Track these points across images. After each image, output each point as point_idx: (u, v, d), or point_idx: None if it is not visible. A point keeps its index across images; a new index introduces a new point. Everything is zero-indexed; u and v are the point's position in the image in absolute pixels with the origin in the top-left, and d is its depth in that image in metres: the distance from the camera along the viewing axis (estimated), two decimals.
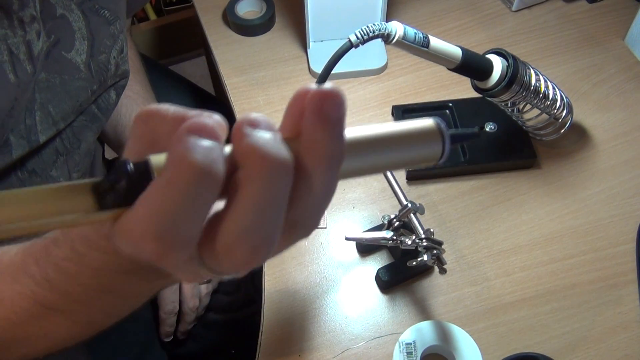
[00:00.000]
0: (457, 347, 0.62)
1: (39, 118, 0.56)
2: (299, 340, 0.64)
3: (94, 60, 0.61)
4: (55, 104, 0.58)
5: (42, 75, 0.56)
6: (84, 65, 0.60)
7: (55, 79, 0.57)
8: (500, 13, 0.96)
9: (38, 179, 0.61)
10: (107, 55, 0.63)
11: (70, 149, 0.64)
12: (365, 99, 0.85)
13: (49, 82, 0.57)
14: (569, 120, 0.73)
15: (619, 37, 0.91)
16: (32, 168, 0.60)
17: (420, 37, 0.53)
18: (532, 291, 0.67)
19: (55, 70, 0.57)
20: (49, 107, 0.57)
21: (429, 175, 0.76)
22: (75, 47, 0.59)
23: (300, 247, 0.71)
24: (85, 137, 0.65)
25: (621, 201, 0.73)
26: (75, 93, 0.60)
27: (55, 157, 0.62)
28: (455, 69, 0.60)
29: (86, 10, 0.59)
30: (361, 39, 0.48)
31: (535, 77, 0.65)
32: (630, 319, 0.64)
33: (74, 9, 0.58)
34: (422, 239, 0.57)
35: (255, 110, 0.84)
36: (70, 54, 0.58)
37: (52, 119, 0.58)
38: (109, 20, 0.62)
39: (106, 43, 0.62)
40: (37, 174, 0.61)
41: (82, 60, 0.59)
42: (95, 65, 0.61)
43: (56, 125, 0.58)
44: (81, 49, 0.59)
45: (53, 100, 0.57)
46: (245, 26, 0.93)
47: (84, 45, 0.59)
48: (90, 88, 0.62)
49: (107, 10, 0.62)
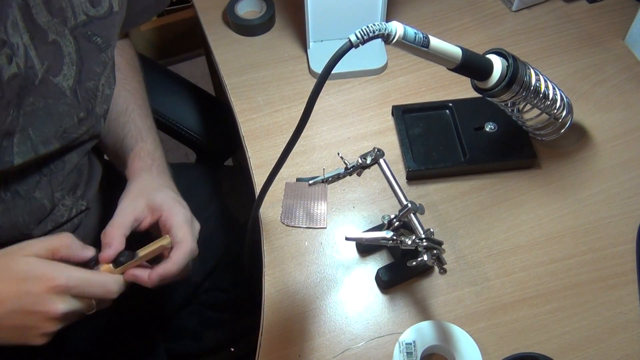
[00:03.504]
0: (457, 347, 0.62)
1: (16, 140, 0.55)
2: (299, 340, 0.64)
3: (81, 87, 0.60)
4: (35, 127, 0.57)
5: (29, 100, 0.55)
6: (69, 91, 0.59)
7: (39, 103, 0.56)
8: (500, 13, 0.96)
9: (21, 200, 0.60)
10: (96, 82, 0.62)
11: (55, 170, 0.63)
12: (365, 99, 0.85)
13: (33, 105, 0.56)
14: (569, 120, 0.73)
15: (619, 37, 0.91)
16: (15, 189, 0.60)
17: (420, 37, 0.53)
18: (532, 291, 0.67)
19: (41, 94, 0.56)
20: (29, 130, 0.56)
21: (429, 175, 0.76)
22: (63, 72, 0.58)
23: (300, 247, 0.71)
24: (70, 159, 0.65)
25: (621, 201, 0.73)
26: (58, 118, 0.59)
27: (38, 178, 0.61)
28: (455, 69, 0.59)
29: (78, 36, 0.58)
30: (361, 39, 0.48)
31: (535, 77, 0.65)
32: (630, 319, 0.64)
33: (67, 34, 0.57)
34: (422, 239, 0.57)
35: (255, 110, 0.84)
36: (57, 78, 0.57)
37: (30, 143, 0.57)
38: (100, 47, 0.61)
39: (95, 70, 0.62)
40: (20, 196, 0.60)
41: (68, 85, 0.59)
42: (82, 92, 0.61)
43: (35, 150, 0.57)
44: (69, 74, 0.58)
45: (34, 124, 0.57)
46: (245, 26, 0.93)
47: (72, 71, 0.59)
48: (77, 115, 0.61)
49: (99, 37, 0.61)
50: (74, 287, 0.54)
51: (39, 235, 0.64)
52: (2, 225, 0.60)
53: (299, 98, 0.86)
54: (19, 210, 0.61)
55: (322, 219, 0.74)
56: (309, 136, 0.81)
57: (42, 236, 0.63)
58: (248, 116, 0.84)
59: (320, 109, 0.84)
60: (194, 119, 0.98)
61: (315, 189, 0.76)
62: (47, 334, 0.54)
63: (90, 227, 0.75)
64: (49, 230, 0.66)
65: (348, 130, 0.82)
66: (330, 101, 0.85)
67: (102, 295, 0.57)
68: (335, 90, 0.87)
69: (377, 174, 0.76)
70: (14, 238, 0.62)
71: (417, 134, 0.79)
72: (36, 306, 0.53)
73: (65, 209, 0.67)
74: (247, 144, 0.81)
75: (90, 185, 0.73)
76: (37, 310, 0.53)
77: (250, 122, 0.83)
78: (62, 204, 0.66)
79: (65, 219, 0.67)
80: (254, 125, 0.83)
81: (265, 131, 0.82)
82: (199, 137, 0.97)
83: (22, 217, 0.61)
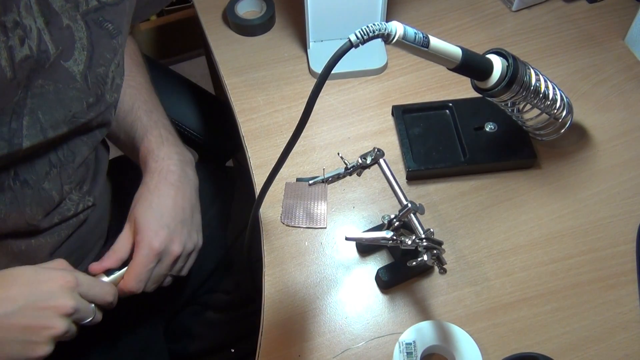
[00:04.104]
0: (457, 347, 0.62)
1: (26, 123, 0.56)
2: (299, 340, 0.64)
3: (92, 72, 0.61)
4: (45, 110, 0.57)
5: (38, 82, 0.56)
6: (80, 76, 0.59)
7: (49, 86, 0.57)
8: (500, 13, 0.96)
9: (30, 190, 0.61)
10: (106, 69, 0.63)
11: (65, 162, 0.63)
12: (365, 99, 0.85)
13: (42, 88, 0.56)
14: (569, 120, 0.73)
15: (619, 37, 0.91)
16: (24, 179, 0.60)
17: (421, 37, 0.53)
18: (532, 291, 0.67)
19: (51, 78, 0.57)
20: (39, 114, 0.57)
21: (429, 175, 0.76)
22: (74, 56, 0.58)
23: (300, 247, 0.71)
24: (80, 151, 0.65)
25: (621, 201, 0.73)
26: (68, 102, 0.59)
27: (48, 168, 0.62)
28: (455, 69, 0.59)
29: (90, 21, 0.59)
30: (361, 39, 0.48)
31: (535, 77, 0.65)
32: (630, 319, 0.64)
33: (79, 19, 0.58)
34: (422, 239, 0.57)
35: (255, 110, 0.85)
36: (68, 62, 0.58)
37: (40, 126, 0.57)
38: (111, 33, 0.62)
39: (106, 56, 0.62)
40: (29, 186, 0.60)
41: (79, 70, 0.59)
42: (93, 77, 0.61)
43: (44, 133, 0.58)
44: (79, 59, 0.59)
45: (43, 107, 0.57)
46: (245, 26, 0.93)
47: (82, 56, 0.59)
48: (86, 100, 0.61)
49: (110, 23, 0.61)
50: (82, 285, 0.59)
51: (45, 228, 0.66)
52: (10, 214, 0.60)
53: (299, 98, 0.86)
54: (27, 200, 0.61)
55: (322, 219, 0.74)
56: (309, 136, 0.81)
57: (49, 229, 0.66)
58: (248, 116, 0.84)
59: (320, 109, 0.84)
60: (195, 118, 0.98)
61: (315, 189, 0.76)
62: (54, 337, 0.56)
63: (95, 223, 0.76)
64: (56, 223, 0.66)
65: (348, 130, 0.82)
66: (330, 101, 0.85)
67: (102, 298, 0.61)
68: (335, 90, 0.87)
69: (377, 174, 0.76)
70: (20, 228, 0.62)
71: (417, 134, 0.79)
72: (48, 301, 0.55)
73: (72, 203, 0.67)
74: (247, 144, 0.81)
75: (96, 181, 0.73)
76: (50, 305, 0.55)
77: (250, 122, 0.83)
78: (70, 198, 0.67)
79: (72, 214, 0.68)
80: (254, 125, 0.83)
81: (265, 131, 0.82)
82: (200, 137, 0.97)
83: (29, 208, 0.62)
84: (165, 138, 0.74)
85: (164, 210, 0.68)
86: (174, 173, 0.71)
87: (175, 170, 0.72)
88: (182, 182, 0.72)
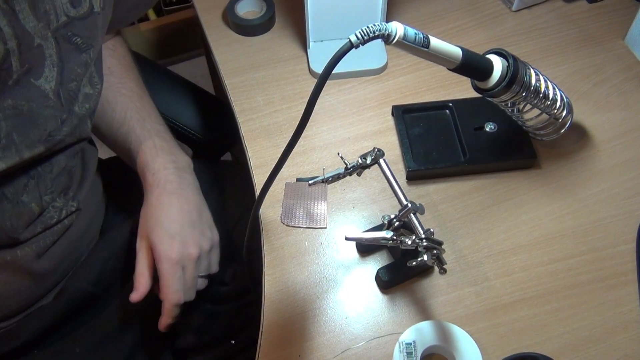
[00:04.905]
0: (457, 347, 0.62)
1: (1, 146, 0.55)
2: (299, 340, 0.64)
3: (64, 88, 0.60)
4: (20, 131, 0.56)
5: (8, 102, 0.54)
6: (52, 93, 0.58)
7: (22, 107, 0.56)
8: (500, 13, 0.96)
9: (9, 204, 0.60)
10: (78, 84, 0.62)
11: (42, 172, 0.63)
12: (365, 99, 0.85)
13: (15, 109, 0.55)
14: (569, 120, 0.73)
15: (619, 37, 0.91)
16: (2, 192, 0.59)
17: (421, 37, 0.53)
18: (532, 291, 0.67)
19: (24, 98, 0.56)
20: (14, 135, 0.56)
21: (429, 175, 0.76)
22: (44, 74, 0.57)
23: (300, 247, 0.71)
24: (57, 161, 0.64)
25: (621, 201, 0.73)
26: (42, 122, 0.58)
27: (26, 180, 0.61)
28: (455, 69, 0.59)
29: (59, 37, 0.58)
30: (361, 39, 0.48)
31: (535, 77, 0.65)
32: (630, 319, 0.64)
33: (49, 37, 0.57)
34: (422, 239, 0.57)
35: (255, 110, 0.85)
36: (39, 81, 0.57)
37: (15, 148, 0.56)
38: (80, 47, 0.61)
39: (77, 71, 0.61)
40: (7, 199, 0.60)
41: (51, 87, 0.58)
42: (65, 93, 0.60)
43: (20, 155, 0.57)
44: (50, 76, 0.58)
45: (18, 128, 0.56)
46: (245, 26, 0.93)
47: (53, 72, 0.58)
48: (60, 117, 0.60)
49: (79, 37, 0.60)
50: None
51: (27, 239, 0.65)
52: None
53: (299, 98, 0.86)
54: (6, 214, 0.60)
55: (322, 219, 0.74)
56: (309, 136, 0.81)
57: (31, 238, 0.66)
58: (248, 116, 0.84)
59: (320, 109, 0.84)
60: (189, 115, 0.98)
61: (315, 189, 0.76)
62: None
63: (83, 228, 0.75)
64: (38, 232, 0.66)
65: (348, 130, 0.82)
66: (330, 101, 0.85)
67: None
68: (335, 90, 0.87)
69: (377, 174, 0.76)
70: (2, 241, 0.62)
71: (417, 134, 0.79)
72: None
73: (55, 210, 0.67)
74: (247, 144, 0.81)
75: (82, 185, 0.73)
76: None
77: (250, 122, 0.83)
78: (53, 205, 0.66)
79: (55, 221, 0.67)
80: (254, 125, 0.83)
81: (265, 131, 0.82)
82: (195, 133, 0.97)
83: (9, 221, 0.61)
84: (159, 147, 0.74)
85: (171, 220, 0.69)
86: (172, 182, 0.72)
87: (173, 179, 0.72)
88: (182, 188, 0.72)
